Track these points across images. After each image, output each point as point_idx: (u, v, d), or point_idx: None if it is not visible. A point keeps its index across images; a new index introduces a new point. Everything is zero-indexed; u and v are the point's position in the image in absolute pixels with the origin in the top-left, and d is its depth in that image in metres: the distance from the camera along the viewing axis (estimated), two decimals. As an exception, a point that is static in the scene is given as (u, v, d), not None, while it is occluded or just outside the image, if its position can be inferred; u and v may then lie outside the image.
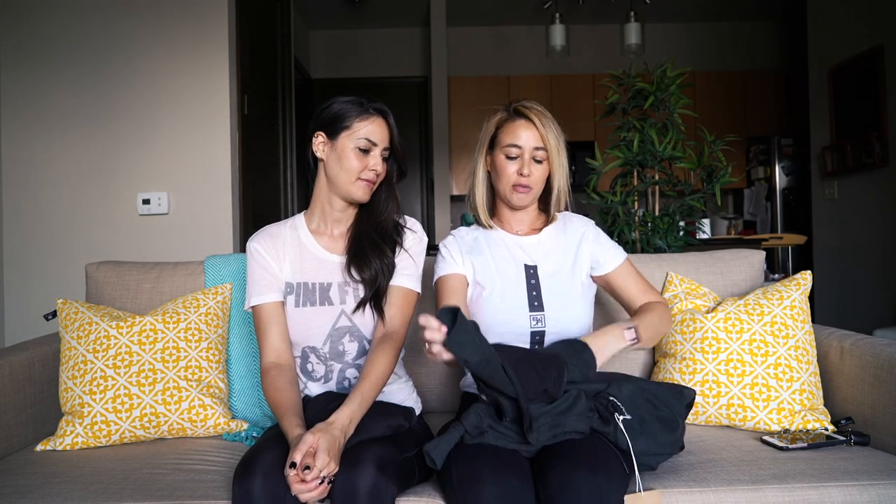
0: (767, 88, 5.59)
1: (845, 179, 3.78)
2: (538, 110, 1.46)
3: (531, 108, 1.46)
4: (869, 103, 3.52)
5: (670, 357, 1.61)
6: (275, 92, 3.87)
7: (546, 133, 1.44)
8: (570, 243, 1.51)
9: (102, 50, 2.82)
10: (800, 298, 1.58)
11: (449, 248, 1.51)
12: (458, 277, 1.48)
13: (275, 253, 1.41)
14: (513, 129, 1.45)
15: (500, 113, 1.50)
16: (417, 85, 5.95)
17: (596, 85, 5.46)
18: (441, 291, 1.48)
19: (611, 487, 1.09)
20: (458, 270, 1.48)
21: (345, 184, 1.37)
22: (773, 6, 5.50)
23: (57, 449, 1.47)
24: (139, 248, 2.81)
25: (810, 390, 1.50)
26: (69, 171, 2.82)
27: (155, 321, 1.57)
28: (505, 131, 1.47)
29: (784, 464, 1.27)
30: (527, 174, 1.43)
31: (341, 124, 1.36)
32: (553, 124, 1.46)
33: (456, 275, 1.48)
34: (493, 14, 5.54)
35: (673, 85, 2.56)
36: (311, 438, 1.09)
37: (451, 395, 1.75)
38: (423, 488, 1.24)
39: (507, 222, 1.54)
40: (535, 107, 1.47)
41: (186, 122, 2.84)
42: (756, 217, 5.39)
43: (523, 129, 1.45)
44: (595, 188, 2.65)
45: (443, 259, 1.51)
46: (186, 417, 1.51)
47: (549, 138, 1.45)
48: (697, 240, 2.90)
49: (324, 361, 1.39)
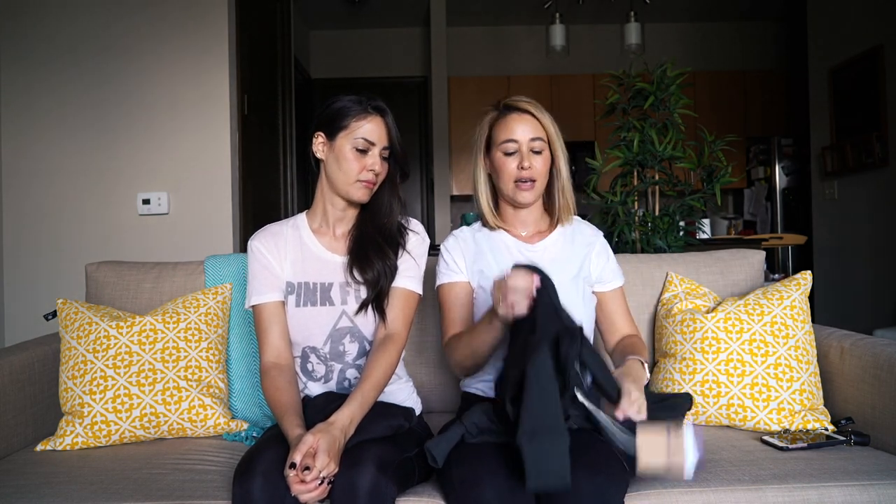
0: (767, 88, 5.59)
1: (845, 179, 3.78)
2: (529, 101, 1.45)
3: (520, 100, 1.45)
4: (869, 103, 3.52)
5: (670, 357, 1.61)
6: (275, 92, 3.87)
7: (543, 120, 1.43)
8: (577, 253, 1.50)
9: (103, 50, 2.82)
10: (800, 298, 1.58)
11: (451, 254, 1.49)
12: (463, 286, 1.47)
13: (276, 252, 1.41)
14: (506, 124, 1.44)
15: (491, 112, 1.49)
16: (417, 85, 5.95)
17: (596, 85, 5.46)
18: (446, 300, 1.48)
19: (612, 487, 1.09)
20: (462, 278, 1.47)
21: (344, 185, 1.37)
22: (773, 6, 5.50)
23: (57, 449, 1.47)
24: (139, 248, 2.81)
25: (810, 390, 1.50)
26: (69, 171, 2.82)
27: (155, 321, 1.57)
28: (498, 128, 1.45)
29: (784, 464, 1.27)
30: (527, 167, 1.41)
31: (339, 124, 1.36)
32: (547, 113, 1.45)
33: (459, 283, 1.47)
34: (493, 14, 5.54)
35: (673, 85, 2.56)
36: (311, 439, 1.09)
37: (451, 395, 1.74)
38: (423, 488, 1.24)
39: (512, 224, 1.53)
40: (525, 98, 1.46)
41: (186, 122, 2.84)
42: (756, 217, 5.39)
43: (516, 121, 1.43)
44: (595, 188, 2.65)
45: (445, 265, 1.49)
46: (186, 417, 1.51)
47: (548, 124, 1.43)
48: (697, 240, 2.89)
49: (324, 361, 1.38)
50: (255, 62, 3.38)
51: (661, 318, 1.69)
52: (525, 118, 1.43)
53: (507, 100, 1.47)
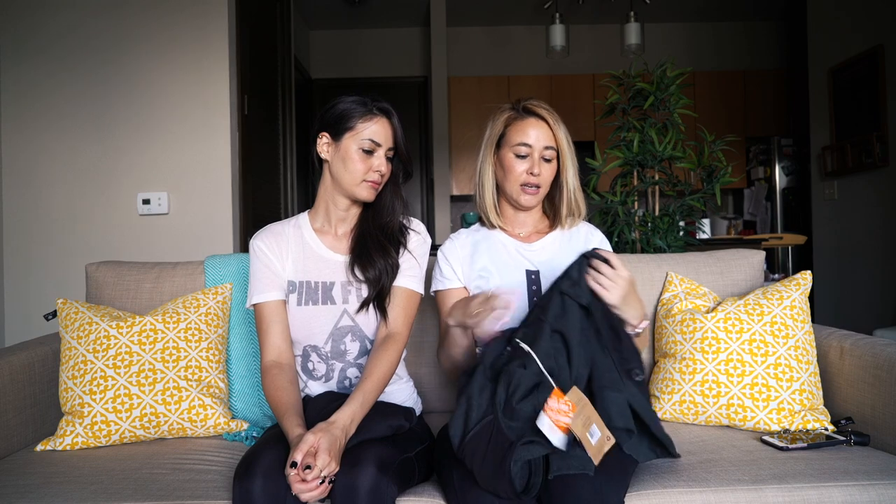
0: (767, 88, 5.59)
1: (845, 179, 3.78)
2: (547, 109, 1.46)
3: (540, 105, 1.46)
4: (869, 103, 3.52)
5: (670, 357, 1.61)
6: (275, 92, 3.87)
7: (557, 131, 1.44)
8: (575, 251, 1.50)
9: (103, 50, 2.82)
10: (800, 298, 1.58)
11: (449, 260, 1.51)
12: (458, 293, 1.49)
13: (278, 251, 1.41)
14: (522, 128, 1.44)
15: (508, 111, 1.49)
16: (417, 85, 5.95)
17: (596, 85, 5.46)
18: (442, 307, 1.50)
19: (611, 487, 1.09)
20: (458, 285, 1.49)
21: (350, 185, 1.38)
22: (773, 6, 5.50)
23: (57, 449, 1.47)
24: (139, 248, 2.81)
25: (810, 390, 1.50)
26: (69, 171, 2.82)
27: (155, 321, 1.57)
28: (514, 130, 1.46)
29: (784, 464, 1.27)
30: (537, 173, 1.43)
31: (345, 125, 1.36)
32: (562, 123, 1.46)
33: (455, 290, 1.49)
34: (493, 14, 5.54)
35: (673, 85, 2.56)
36: (311, 438, 1.09)
37: (451, 396, 1.75)
38: (423, 488, 1.24)
39: (511, 224, 1.53)
40: (544, 105, 1.46)
41: (186, 122, 2.85)
42: (756, 217, 5.39)
43: (533, 127, 1.44)
44: (595, 188, 2.65)
45: (440, 272, 1.51)
46: (186, 417, 1.51)
47: (561, 137, 1.44)
48: (697, 240, 2.89)
49: (325, 360, 1.39)
50: (255, 62, 3.38)
51: (661, 318, 1.69)
52: (542, 125, 1.44)
53: (526, 102, 1.47)
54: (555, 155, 1.46)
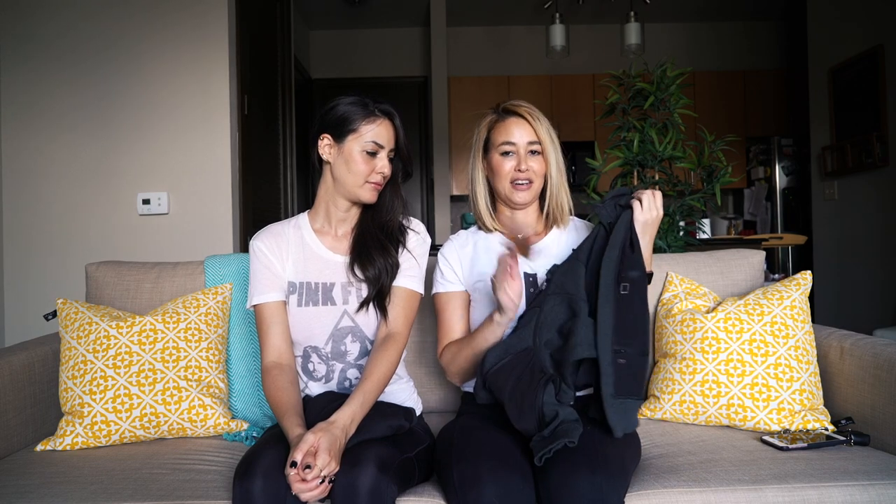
0: (767, 88, 5.60)
1: (845, 179, 3.78)
2: (527, 107, 1.48)
3: (519, 105, 1.48)
4: (869, 103, 3.52)
5: (670, 357, 1.61)
6: (275, 92, 3.87)
7: (538, 127, 1.46)
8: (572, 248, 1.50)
9: (102, 50, 2.82)
10: (800, 298, 1.58)
11: (449, 262, 1.51)
12: (458, 296, 1.49)
13: (278, 252, 1.41)
14: (505, 128, 1.47)
15: (490, 116, 1.52)
16: (417, 85, 5.95)
17: (596, 85, 5.47)
18: (443, 310, 1.50)
19: (611, 487, 1.09)
20: (458, 288, 1.49)
21: (352, 186, 1.38)
22: (773, 6, 5.50)
23: (57, 449, 1.47)
24: (139, 248, 2.81)
25: (810, 390, 1.50)
26: (69, 171, 2.82)
27: (155, 321, 1.57)
28: (497, 131, 1.48)
29: (784, 464, 1.27)
30: (524, 168, 1.44)
31: (347, 127, 1.36)
32: (544, 119, 1.47)
33: (455, 293, 1.49)
34: (493, 14, 5.54)
35: (673, 85, 2.56)
36: (311, 438, 1.09)
37: (451, 395, 1.75)
38: (423, 488, 1.24)
39: (508, 226, 1.54)
40: (524, 104, 1.48)
41: (186, 122, 2.84)
42: (756, 217, 5.39)
43: (514, 125, 1.46)
44: (595, 188, 2.65)
45: (441, 274, 1.51)
46: (186, 417, 1.51)
47: (542, 132, 1.46)
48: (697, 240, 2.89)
49: (325, 361, 1.39)
50: (255, 62, 3.38)
51: (661, 317, 1.69)
52: (522, 123, 1.46)
53: (505, 104, 1.50)
54: (542, 149, 1.47)
